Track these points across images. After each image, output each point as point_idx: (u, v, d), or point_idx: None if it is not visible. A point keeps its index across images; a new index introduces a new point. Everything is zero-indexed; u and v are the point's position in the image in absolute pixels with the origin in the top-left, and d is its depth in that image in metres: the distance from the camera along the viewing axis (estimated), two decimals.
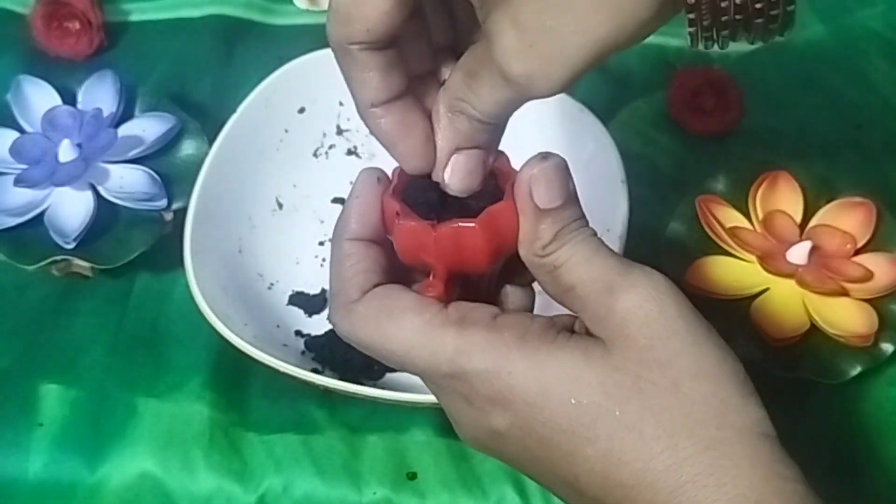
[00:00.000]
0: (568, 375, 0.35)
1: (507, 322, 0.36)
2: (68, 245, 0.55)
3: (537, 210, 0.36)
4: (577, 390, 0.35)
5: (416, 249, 0.38)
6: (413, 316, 0.36)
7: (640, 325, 0.35)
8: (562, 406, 0.35)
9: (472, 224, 0.36)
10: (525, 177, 0.36)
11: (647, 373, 0.34)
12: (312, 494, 0.52)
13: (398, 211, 0.37)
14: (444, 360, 0.36)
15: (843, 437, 0.54)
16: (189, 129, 0.61)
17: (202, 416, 0.54)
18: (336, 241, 0.39)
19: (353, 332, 0.38)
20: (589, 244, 0.36)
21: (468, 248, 0.37)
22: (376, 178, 0.39)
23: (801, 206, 0.58)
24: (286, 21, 0.72)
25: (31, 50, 0.68)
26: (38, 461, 0.53)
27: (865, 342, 0.53)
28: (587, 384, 0.35)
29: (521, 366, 0.35)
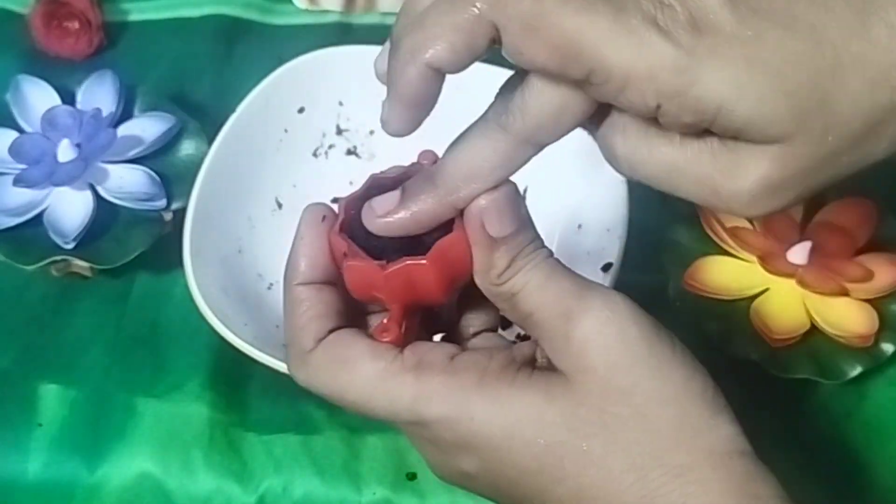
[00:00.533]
0: (530, 416, 0.34)
1: (464, 364, 0.36)
2: (67, 245, 0.55)
3: (490, 239, 0.35)
4: (541, 430, 0.34)
5: (367, 288, 0.37)
6: (369, 365, 0.36)
7: (599, 353, 0.34)
8: (527, 447, 0.34)
9: (423, 261, 0.35)
10: (475, 209, 0.35)
11: (610, 405, 0.34)
12: (312, 495, 0.52)
13: (345, 252, 0.37)
14: (403, 409, 0.35)
15: (843, 437, 0.54)
16: (188, 129, 0.61)
17: (202, 416, 0.54)
18: (286, 286, 0.38)
19: (310, 382, 0.37)
20: (543, 268, 0.36)
21: (421, 284, 0.36)
22: (321, 216, 0.38)
23: (801, 205, 0.58)
24: (286, 21, 0.72)
25: (30, 50, 0.68)
26: (38, 461, 0.53)
27: (866, 342, 0.53)
28: (551, 423, 0.34)
29: (482, 409, 0.35)
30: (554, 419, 0.34)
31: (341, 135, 0.65)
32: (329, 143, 0.65)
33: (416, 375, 0.35)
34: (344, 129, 0.65)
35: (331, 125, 0.65)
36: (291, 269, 0.38)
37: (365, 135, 0.65)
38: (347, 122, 0.65)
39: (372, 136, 0.65)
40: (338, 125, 0.65)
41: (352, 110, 0.65)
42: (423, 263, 0.35)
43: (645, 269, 0.57)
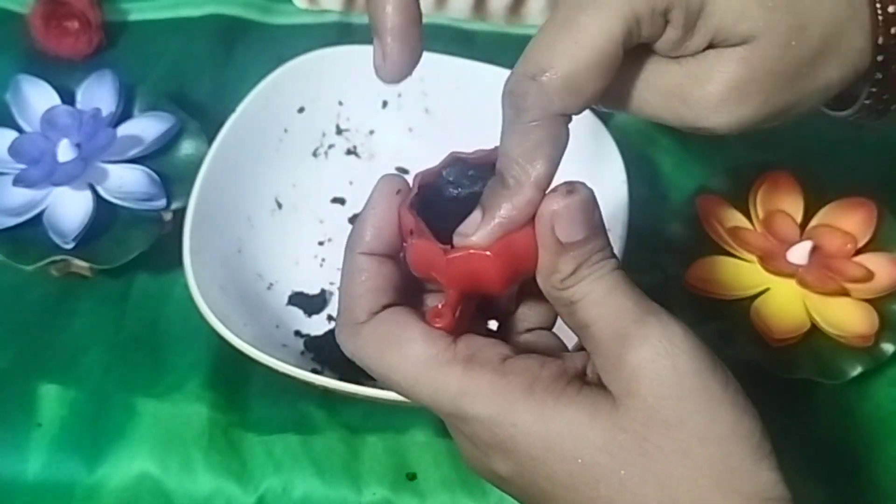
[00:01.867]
0: (573, 434, 0.34)
1: (515, 368, 0.35)
2: (67, 245, 0.55)
3: (558, 244, 0.34)
4: (581, 449, 0.34)
5: (428, 268, 0.36)
6: (420, 349, 0.35)
7: (650, 382, 0.34)
8: (565, 464, 0.34)
9: (486, 252, 0.35)
10: (547, 212, 0.34)
11: (653, 435, 0.34)
12: (312, 495, 0.52)
13: (412, 229, 0.36)
14: (447, 400, 0.35)
15: (843, 437, 0.54)
16: (188, 129, 0.61)
17: (201, 416, 0.54)
18: (348, 253, 0.37)
19: (358, 355, 0.37)
20: (607, 281, 0.35)
21: (481, 275, 0.35)
22: (396, 189, 0.37)
23: (801, 206, 0.58)
24: (286, 21, 0.72)
25: (29, 49, 0.68)
26: (37, 461, 0.53)
27: (866, 342, 0.53)
28: (592, 444, 0.34)
29: (526, 419, 0.34)
30: (595, 440, 0.34)
31: (341, 135, 0.65)
32: (329, 143, 0.65)
33: (465, 369, 0.35)
34: (344, 128, 0.65)
35: (331, 125, 0.64)
36: (356, 237, 0.37)
37: (365, 135, 0.65)
38: (347, 122, 0.65)
39: (372, 136, 0.65)
40: (338, 125, 0.65)
41: (352, 110, 0.65)
42: (486, 255, 0.35)
43: (645, 269, 0.57)
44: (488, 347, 0.36)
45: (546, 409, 0.34)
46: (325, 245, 0.61)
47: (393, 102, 0.65)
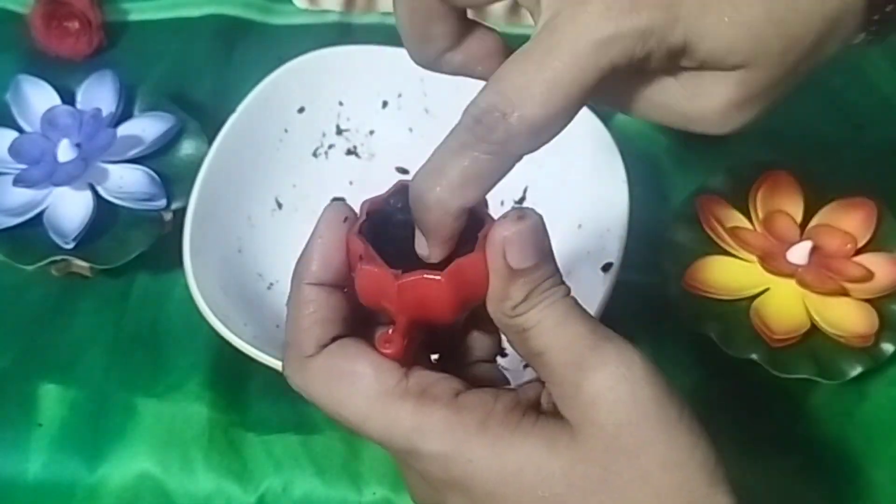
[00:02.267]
0: (531, 466, 0.33)
1: (468, 402, 0.35)
2: (67, 245, 0.55)
3: (509, 270, 0.34)
4: (540, 482, 0.33)
5: (377, 296, 0.35)
6: (370, 383, 0.35)
7: (609, 409, 0.33)
8: (523, 497, 0.34)
9: (438, 277, 0.34)
10: (498, 237, 0.34)
11: (613, 463, 0.33)
12: (312, 495, 0.52)
13: (362, 254, 0.35)
14: (399, 436, 0.34)
15: (843, 437, 0.54)
16: (188, 129, 0.61)
17: (201, 416, 0.54)
18: (296, 283, 0.37)
19: (306, 390, 0.36)
20: (560, 308, 0.34)
21: (432, 301, 0.35)
22: (343, 217, 0.37)
23: (801, 206, 0.58)
24: (286, 21, 0.72)
25: (30, 49, 0.68)
26: (37, 461, 0.53)
27: (866, 342, 0.53)
28: (551, 475, 0.33)
29: (481, 454, 0.34)
30: (554, 472, 0.33)
31: (341, 135, 0.65)
32: (329, 143, 0.65)
33: (417, 404, 0.34)
34: (344, 129, 0.65)
35: (331, 125, 0.65)
36: (303, 267, 0.37)
37: (365, 135, 0.65)
38: (347, 122, 0.65)
39: (372, 136, 0.65)
40: (338, 125, 0.65)
41: (352, 110, 0.65)
42: (438, 280, 0.34)
43: (645, 269, 0.57)
44: (440, 382, 0.35)
45: (502, 443, 0.34)
46: None
47: (393, 102, 0.65)
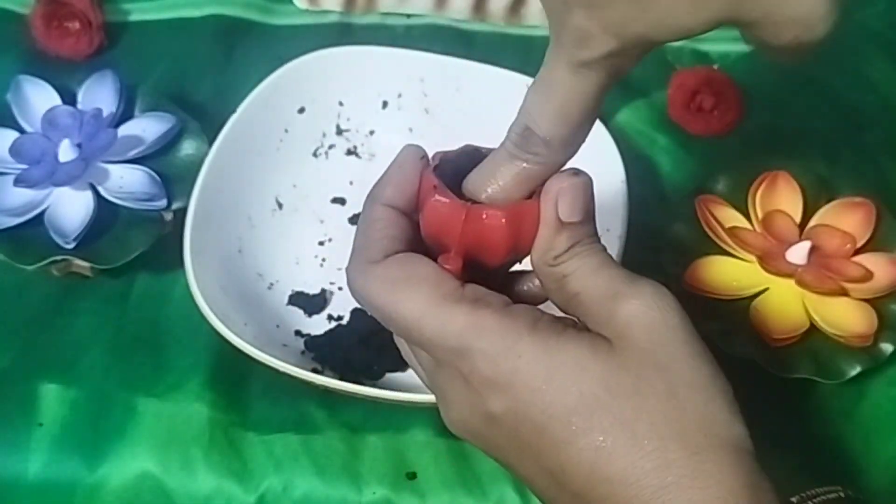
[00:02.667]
0: (575, 365, 0.36)
1: (519, 310, 0.37)
2: (68, 245, 0.55)
3: (558, 222, 0.38)
4: (581, 381, 0.35)
5: (442, 226, 0.38)
6: (430, 285, 0.37)
7: (642, 328, 0.36)
8: (563, 394, 0.35)
9: (501, 214, 0.37)
10: (554, 187, 0.38)
11: (646, 375, 0.35)
12: (312, 494, 0.52)
13: (435, 185, 0.38)
14: (452, 334, 0.36)
15: (843, 437, 0.54)
16: (189, 129, 0.61)
17: (202, 415, 0.54)
18: (369, 202, 0.40)
19: (366, 291, 0.38)
20: (598, 257, 0.38)
21: (491, 238, 0.38)
22: (419, 155, 0.40)
23: (800, 206, 0.58)
24: (286, 21, 0.72)
25: (30, 50, 0.68)
26: (38, 461, 0.53)
27: (865, 342, 0.53)
28: (591, 376, 0.35)
29: (531, 350, 0.36)
30: (594, 373, 0.35)
31: (341, 135, 0.65)
32: (329, 143, 0.65)
33: (472, 307, 0.36)
34: (344, 129, 0.65)
35: (331, 125, 0.65)
36: (379, 190, 0.40)
37: (365, 135, 0.65)
38: (347, 122, 0.65)
39: (372, 136, 0.65)
40: (338, 125, 0.65)
41: (352, 110, 0.65)
42: (500, 217, 0.37)
43: (645, 269, 0.56)
44: (493, 294, 0.38)
45: (550, 342, 0.36)
46: (325, 245, 0.61)
47: (393, 103, 0.65)
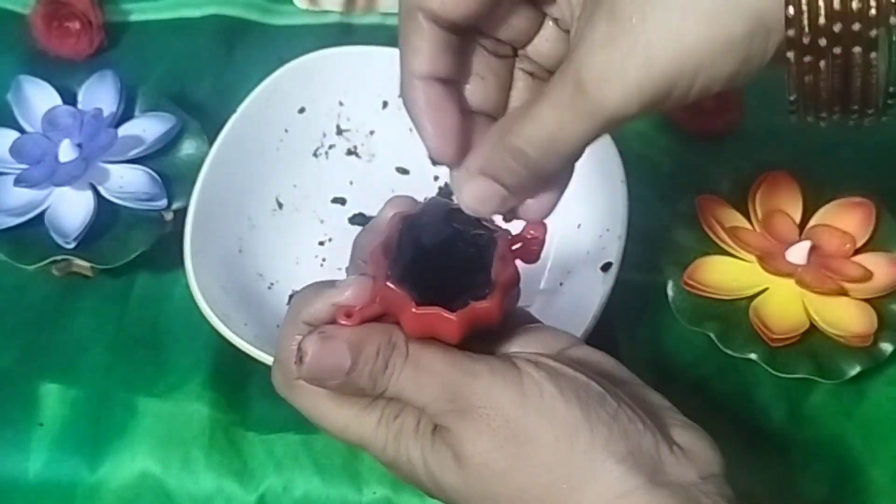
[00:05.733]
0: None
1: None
2: (68, 245, 0.55)
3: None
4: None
5: (391, 309, 0.38)
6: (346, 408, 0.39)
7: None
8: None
9: (452, 317, 0.37)
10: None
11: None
12: (312, 494, 0.52)
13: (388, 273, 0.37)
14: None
15: (842, 437, 0.54)
16: (189, 129, 0.61)
17: (202, 415, 0.54)
18: (291, 315, 0.40)
19: (293, 402, 0.41)
20: (407, 372, 0.38)
21: (441, 330, 0.37)
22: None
23: (800, 206, 0.58)
24: (286, 21, 0.72)
25: (31, 50, 0.68)
26: (39, 461, 0.53)
27: (865, 342, 0.53)
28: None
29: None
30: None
31: (341, 135, 0.65)
32: (329, 143, 0.65)
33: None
34: (344, 129, 0.65)
35: (331, 125, 0.65)
36: (299, 305, 0.40)
37: (365, 135, 0.65)
38: (347, 122, 0.65)
39: (372, 136, 0.65)
40: (338, 125, 0.65)
41: (352, 110, 0.65)
42: (450, 318, 0.37)
43: (645, 269, 0.57)
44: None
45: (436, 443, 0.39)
46: (325, 245, 0.61)
47: (393, 103, 0.65)
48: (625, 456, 0.36)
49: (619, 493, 0.35)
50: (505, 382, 0.37)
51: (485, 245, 0.39)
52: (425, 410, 0.38)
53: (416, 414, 0.39)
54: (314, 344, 0.37)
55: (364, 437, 0.40)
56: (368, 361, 0.37)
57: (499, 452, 0.36)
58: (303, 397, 0.40)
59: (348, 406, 0.39)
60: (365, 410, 0.39)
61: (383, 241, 0.38)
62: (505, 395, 0.37)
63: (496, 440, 0.36)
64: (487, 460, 0.36)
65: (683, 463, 0.37)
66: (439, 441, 0.38)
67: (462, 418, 0.37)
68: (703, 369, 0.56)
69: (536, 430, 0.36)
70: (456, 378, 0.37)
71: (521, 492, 0.36)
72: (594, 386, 0.37)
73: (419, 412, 0.38)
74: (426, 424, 0.38)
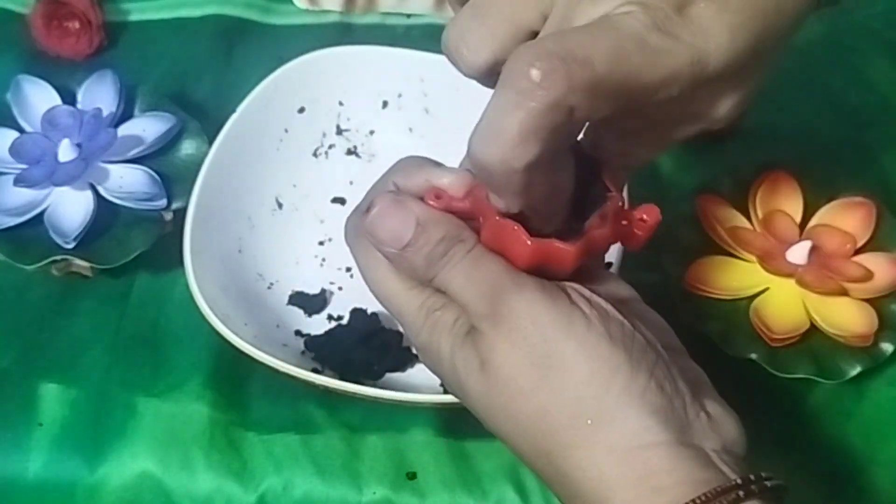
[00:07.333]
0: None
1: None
2: (68, 245, 0.55)
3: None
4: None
5: (501, 247, 0.38)
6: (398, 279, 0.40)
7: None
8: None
9: (528, 241, 0.37)
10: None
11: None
12: (312, 494, 0.52)
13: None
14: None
15: (843, 437, 0.54)
16: (189, 129, 0.61)
17: (202, 415, 0.54)
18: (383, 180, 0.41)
19: (353, 252, 0.41)
20: (463, 265, 0.38)
21: (513, 252, 0.38)
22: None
23: (801, 205, 0.58)
24: (286, 21, 0.72)
25: (30, 50, 0.68)
26: (38, 461, 0.53)
27: (865, 342, 0.53)
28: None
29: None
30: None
31: (341, 135, 0.65)
32: (329, 143, 0.65)
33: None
34: (344, 129, 0.65)
35: (331, 125, 0.65)
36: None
37: (365, 135, 0.65)
38: (347, 122, 0.65)
39: (372, 136, 0.65)
40: (338, 125, 0.65)
41: (352, 110, 0.65)
42: (528, 244, 0.37)
43: (645, 269, 0.57)
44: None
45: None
46: (325, 245, 0.61)
47: (393, 102, 0.65)
48: (657, 409, 0.36)
49: (644, 443, 0.36)
50: (553, 303, 0.37)
51: (594, 200, 0.39)
52: (467, 309, 0.38)
53: (456, 312, 0.38)
54: (386, 202, 0.38)
55: (403, 314, 0.40)
56: (429, 243, 0.38)
57: (529, 369, 0.36)
58: (362, 251, 0.40)
59: (399, 279, 0.39)
60: (411, 290, 0.39)
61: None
62: (548, 315, 0.37)
63: (529, 356, 0.36)
64: (515, 374, 0.37)
65: (708, 430, 0.37)
66: (470, 344, 0.38)
67: (497, 325, 0.37)
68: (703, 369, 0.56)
69: (576, 358, 0.36)
70: (504, 283, 0.37)
71: (543, 414, 0.36)
72: (639, 337, 0.37)
73: (459, 311, 0.38)
74: (462, 324, 0.38)
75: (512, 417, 0.37)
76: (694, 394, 0.38)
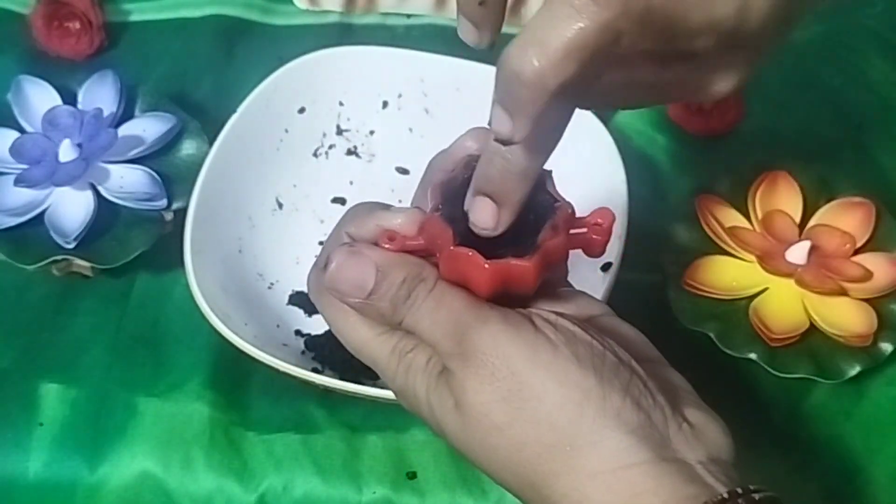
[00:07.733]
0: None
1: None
2: (68, 245, 0.55)
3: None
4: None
5: (461, 276, 0.38)
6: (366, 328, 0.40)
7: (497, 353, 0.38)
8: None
9: (485, 265, 0.37)
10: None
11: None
12: (312, 494, 0.52)
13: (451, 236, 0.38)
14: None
15: (842, 437, 0.54)
16: (189, 129, 0.61)
17: (202, 415, 0.54)
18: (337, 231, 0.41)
19: (320, 308, 0.41)
20: (429, 303, 0.38)
21: (472, 279, 0.37)
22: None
23: (800, 205, 0.58)
24: (286, 21, 0.72)
25: (31, 50, 0.68)
26: (39, 460, 0.53)
27: (865, 342, 0.53)
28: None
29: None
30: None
31: (341, 135, 0.65)
32: (329, 143, 0.65)
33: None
34: (344, 129, 0.65)
35: (331, 125, 0.65)
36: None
37: (365, 135, 0.65)
38: (347, 122, 0.65)
39: (372, 137, 0.65)
40: (338, 125, 0.65)
41: (352, 110, 0.65)
42: (485, 266, 0.37)
43: (645, 269, 0.57)
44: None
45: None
46: None
47: (393, 103, 0.65)
48: (635, 428, 0.36)
49: (624, 464, 0.35)
50: (517, 334, 0.37)
51: (543, 212, 0.39)
52: (436, 349, 0.38)
53: (428, 352, 0.39)
54: (342, 255, 0.38)
55: (377, 361, 0.40)
56: (392, 286, 0.38)
57: (500, 404, 0.36)
58: (328, 306, 0.40)
59: (368, 327, 0.39)
60: (381, 336, 0.39)
61: (447, 178, 0.38)
62: (513, 347, 0.36)
63: (499, 391, 0.36)
64: (488, 411, 0.36)
65: (692, 441, 0.37)
66: (443, 384, 0.38)
67: (466, 363, 0.37)
68: (703, 369, 0.56)
69: (545, 386, 0.36)
70: (467, 320, 0.37)
71: (520, 446, 0.36)
72: (609, 356, 0.37)
73: (431, 351, 0.38)
74: (435, 364, 0.38)
75: (491, 453, 0.37)
76: (674, 405, 0.37)
